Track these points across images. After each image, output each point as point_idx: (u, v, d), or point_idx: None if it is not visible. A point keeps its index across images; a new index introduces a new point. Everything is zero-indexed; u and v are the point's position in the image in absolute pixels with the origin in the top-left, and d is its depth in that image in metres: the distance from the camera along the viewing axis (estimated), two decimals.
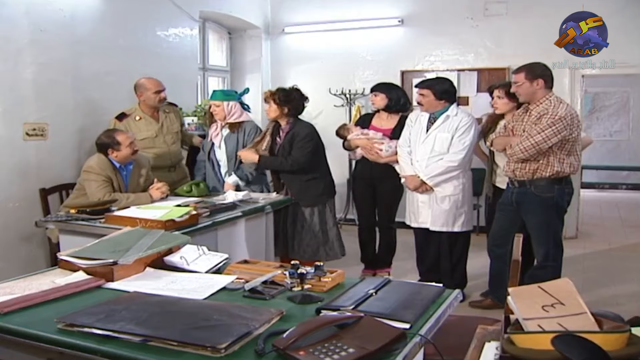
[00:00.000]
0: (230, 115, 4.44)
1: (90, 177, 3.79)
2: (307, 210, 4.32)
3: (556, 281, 1.54)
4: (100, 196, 3.68)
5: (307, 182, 4.30)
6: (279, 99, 4.29)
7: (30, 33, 4.28)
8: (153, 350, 1.50)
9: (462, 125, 4.17)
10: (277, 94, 4.32)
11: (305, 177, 4.30)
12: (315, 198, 4.32)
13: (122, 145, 3.85)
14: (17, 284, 2.03)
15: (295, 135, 4.27)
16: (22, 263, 4.17)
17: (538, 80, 3.71)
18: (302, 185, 4.31)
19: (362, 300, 1.82)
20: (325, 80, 7.01)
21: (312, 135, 4.31)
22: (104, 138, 3.90)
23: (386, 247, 4.88)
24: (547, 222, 3.82)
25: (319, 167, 4.38)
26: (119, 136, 3.88)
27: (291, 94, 4.34)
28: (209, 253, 2.37)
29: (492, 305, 4.12)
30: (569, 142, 3.69)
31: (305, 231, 4.32)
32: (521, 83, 3.75)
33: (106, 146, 3.86)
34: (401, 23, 6.87)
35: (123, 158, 3.90)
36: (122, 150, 3.86)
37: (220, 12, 6.63)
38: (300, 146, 4.24)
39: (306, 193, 4.30)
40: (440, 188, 4.21)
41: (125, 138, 3.89)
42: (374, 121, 4.75)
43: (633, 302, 4.34)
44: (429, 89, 4.22)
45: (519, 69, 3.80)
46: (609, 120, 10.67)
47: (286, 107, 4.30)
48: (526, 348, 1.32)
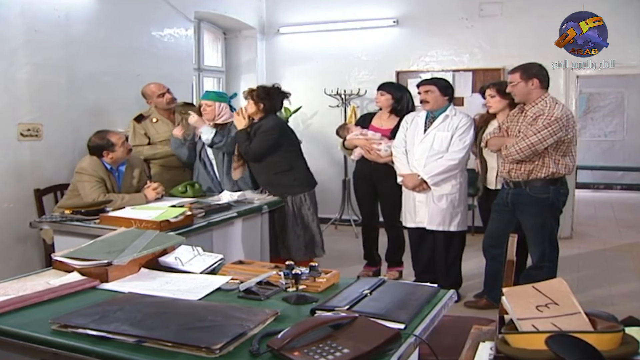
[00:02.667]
0: (219, 116, 4.45)
1: (83, 178, 3.77)
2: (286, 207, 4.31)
3: (550, 281, 1.54)
4: (94, 197, 3.67)
5: (275, 175, 4.32)
6: (256, 96, 4.33)
7: (25, 33, 4.26)
8: (148, 351, 1.50)
9: (463, 125, 4.19)
10: (256, 90, 4.38)
11: (272, 170, 4.32)
12: (286, 189, 4.30)
13: (116, 146, 3.82)
14: (11, 285, 2.02)
15: (259, 127, 4.30)
16: (16, 264, 4.16)
17: (533, 80, 3.72)
18: (270, 178, 4.33)
19: (357, 300, 1.82)
20: (321, 81, 7.01)
21: (275, 129, 4.31)
22: (96, 140, 3.84)
23: (395, 245, 4.89)
24: (543, 222, 3.82)
25: (288, 161, 4.37)
26: (111, 137, 3.83)
27: (269, 91, 4.38)
28: (204, 254, 2.36)
29: (487, 305, 4.12)
30: (565, 143, 3.70)
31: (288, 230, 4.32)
32: (516, 83, 3.77)
33: (100, 148, 3.82)
34: (396, 23, 6.88)
35: (118, 159, 3.87)
36: (117, 151, 3.83)
37: (216, 13, 6.63)
38: (260, 138, 4.27)
39: (276, 185, 4.30)
40: (438, 187, 4.22)
41: (117, 138, 3.85)
42: (374, 121, 4.76)
43: (627, 302, 4.35)
44: (434, 84, 4.25)
45: (515, 69, 3.82)
46: (604, 121, 10.69)
47: (262, 104, 4.33)
48: (520, 348, 1.32)
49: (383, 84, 4.79)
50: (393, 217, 4.71)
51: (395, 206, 4.59)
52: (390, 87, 4.76)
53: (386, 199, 4.74)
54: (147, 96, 4.64)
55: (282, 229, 4.33)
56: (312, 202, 4.43)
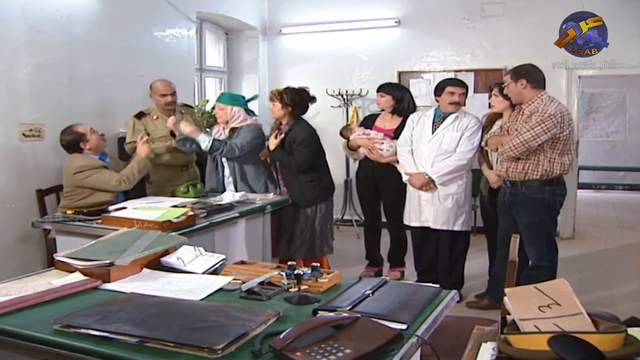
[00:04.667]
0: (232, 120, 4.37)
1: (89, 173, 3.81)
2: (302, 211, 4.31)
3: (552, 282, 1.54)
4: (115, 182, 3.81)
5: (306, 184, 4.28)
6: (286, 99, 4.24)
7: (26, 34, 4.27)
8: (149, 351, 1.50)
9: (472, 126, 4.21)
10: (284, 93, 4.27)
11: (304, 179, 4.28)
12: (312, 201, 4.30)
13: (87, 135, 3.92)
14: (13, 285, 2.02)
15: (295, 139, 4.24)
16: (18, 264, 4.16)
17: (521, 81, 3.76)
18: (300, 187, 4.28)
19: (359, 301, 1.82)
20: (322, 81, 7.00)
21: (310, 139, 4.28)
22: (67, 137, 3.93)
23: (397, 246, 4.89)
24: (538, 223, 3.82)
25: (318, 169, 4.36)
26: (79, 128, 3.94)
27: (300, 94, 4.30)
28: (206, 254, 2.36)
29: (489, 305, 4.13)
30: (561, 141, 3.70)
31: (296, 231, 4.31)
32: (507, 84, 3.85)
33: (75, 142, 3.91)
34: (398, 24, 6.88)
35: (95, 146, 3.96)
36: (90, 139, 3.93)
37: (217, 13, 6.63)
38: (300, 150, 4.21)
39: (304, 195, 4.27)
40: (444, 186, 4.23)
41: (84, 128, 3.95)
42: (378, 122, 4.77)
43: (629, 303, 4.35)
44: (463, 87, 4.32)
45: (509, 71, 3.90)
46: (606, 121, 10.68)
47: (291, 107, 4.26)
48: (522, 349, 1.32)
49: (382, 85, 4.79)
50: (395, 217, 4.70)
51: (397, 206, 4.59)
52: (389, 87, 4.76)
53: (388, 199, 4.74)
54: (152, 90, 4.62)
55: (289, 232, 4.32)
56: (331, 207, 4.48)
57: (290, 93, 4.28)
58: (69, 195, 3.90)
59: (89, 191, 3.85)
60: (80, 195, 3.86)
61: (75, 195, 3.87)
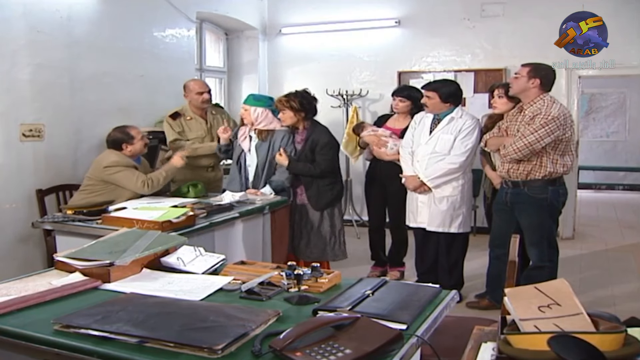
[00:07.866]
0: (257, 122, 4.29)
1: (119, 170, 3.82)
2: (318, 213, 4.31)
3: (552, 282, 1.54)
4: (140, 183, 3.81)
5: (325, 187, 4.28)
6: (295, 106, 4.22)
7: (27, 34, 4.27)
8: (150, 351, 1.50)
9: (466, 128, 4.17)
10: (291, 100, 4.23)
11: (323, 182, 4.28)
12: (328, 203, 4.31)
13: (135, 139, 3.94)
14: (13, 285, 2.02)
15: (316, 143, 4.23)
16: (18, 264, 4.16)
17: (535, 80, 3.72)
18: (319, 190, 4.27)
19: (359, 301, 1.82)
20: (322, 81, 6.99)
21: (332, 142, 4.30)
22: (117, 134, 3.96)
23: (398, 246, 4.90)
24: (540, 223, 3.82)
25: (336, 173, 4.38)
26: (131, 131, 3.96)
27: (304, 97, 4.28)
28: (206, 254, 2.36)
29: (489, 306, 4.13)
30: (562, 142, 3.70)
31: (314, 233, 4.30)
32: (520, 76, 3.77)
33: (120, 141, 3.92)
34: (398, 24, 6.88)
35: (136, 152, 3.98)
36: (135, 144, 3.95)
37: (217, 13, 6.63)
38: (324, 153, 4.21)
39: (322, 198, 4.27)
40: (439, 189, 4.22)
41: (137, 132, 3.99)
42: (389, 122, 4.81)
43: (629, 303, 4.35)
44: (435, 91, 4.21)
45: (527, 64, 3.81)
46: (606, 121, 10.69)
47: (303, 112, 4.25)
48: (522, 349, 1.32)
49: (401, 89, 4.82)
50: (399, 218, 4.70)
51: (402, 208, 4.58)
52: (409, 91, 4.75)
53: (394, 200, 4.73)
54: (188, 90, 4.66)
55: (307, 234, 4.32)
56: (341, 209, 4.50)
57: (296, 97, 4.25)
58: (88, 188, 3.85)
59: (109, 188, 3.83)
60: (100, 190, 3.82)
61: (95, 191, 3.83)
